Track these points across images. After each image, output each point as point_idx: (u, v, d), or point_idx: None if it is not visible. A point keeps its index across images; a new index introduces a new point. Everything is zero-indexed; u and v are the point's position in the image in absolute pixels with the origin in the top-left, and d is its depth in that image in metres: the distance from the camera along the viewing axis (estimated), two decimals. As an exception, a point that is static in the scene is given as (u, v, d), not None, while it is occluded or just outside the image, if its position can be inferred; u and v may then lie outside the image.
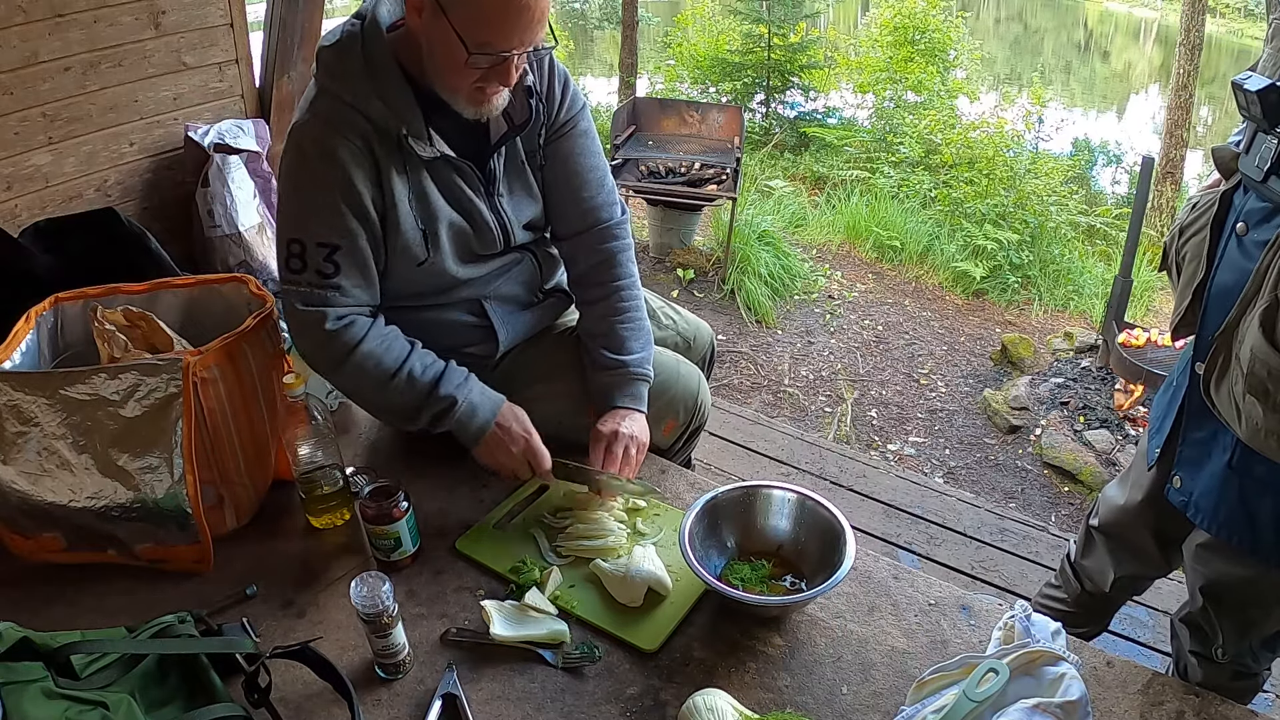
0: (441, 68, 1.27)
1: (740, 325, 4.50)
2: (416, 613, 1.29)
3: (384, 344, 1.39)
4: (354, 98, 1.29)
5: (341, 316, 1.37)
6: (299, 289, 1.35)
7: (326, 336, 1.36)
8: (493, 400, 1.45)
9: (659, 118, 5.25)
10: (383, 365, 1.38)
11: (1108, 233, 6.23)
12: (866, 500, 2.89)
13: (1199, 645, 1.50)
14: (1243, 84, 1.14)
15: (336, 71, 1.30)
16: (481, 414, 1.43)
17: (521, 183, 1.49)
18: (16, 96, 2.43)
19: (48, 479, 1.30)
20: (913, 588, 1.35)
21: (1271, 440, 1.14)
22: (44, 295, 1.49)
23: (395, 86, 1.30)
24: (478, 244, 1.46)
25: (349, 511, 1.47)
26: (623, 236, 1.57)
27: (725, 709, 1.07)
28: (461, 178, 1.40)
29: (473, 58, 1.22)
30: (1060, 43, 17.37)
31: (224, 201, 2.79)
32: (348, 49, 1.30)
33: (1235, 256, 1.21)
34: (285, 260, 1.35)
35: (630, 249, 1.58)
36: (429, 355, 1.44)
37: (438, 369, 1.42)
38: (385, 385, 1.40)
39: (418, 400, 1.41)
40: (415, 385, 1.40)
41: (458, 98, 1.30)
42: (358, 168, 1.31)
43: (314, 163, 1.31)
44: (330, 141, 1.30)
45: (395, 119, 1.30)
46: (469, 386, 1.43)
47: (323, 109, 1.31)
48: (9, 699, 0.95)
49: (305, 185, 1.34)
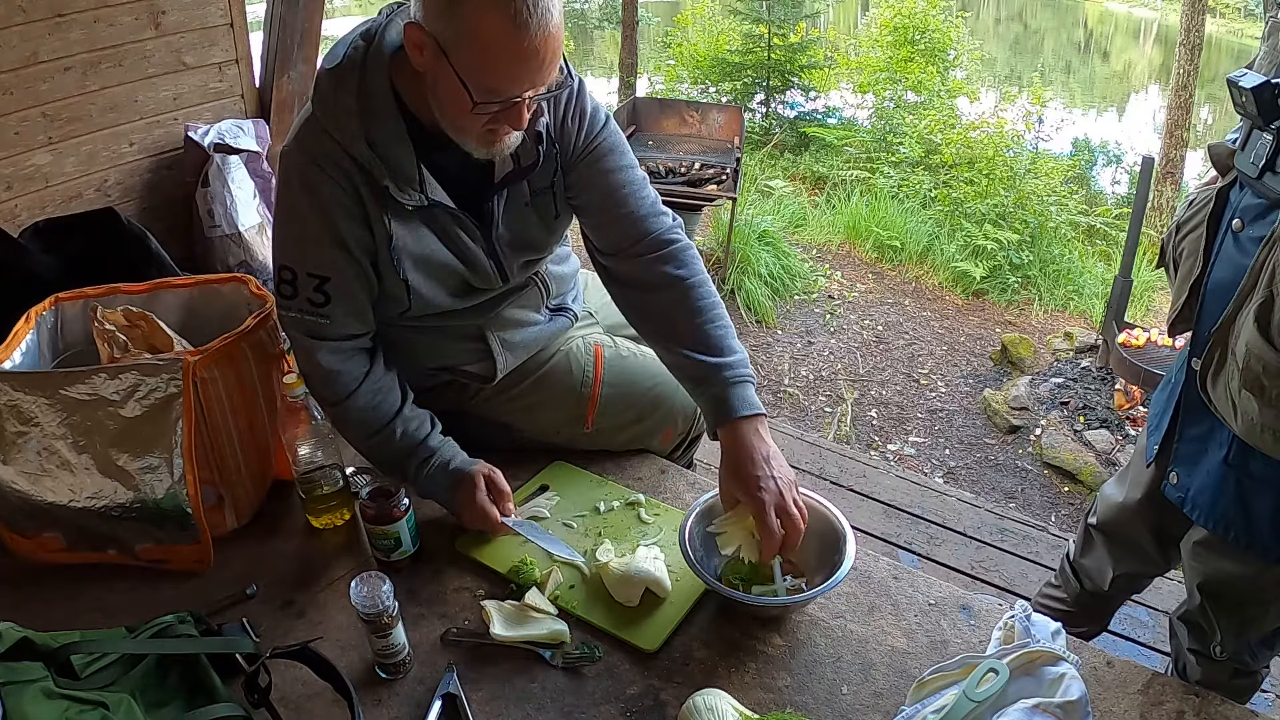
0: (446, 111, 1.18)
1: (740, 325, 4.50)
2: (416, 613, 1.29)
3: (376, 400, 1.36)
4: (340, 136, 1.21)
5: (335, 351, 1.33)
6: (290, 314, 1.32)
7: (322, 374, 1.34)
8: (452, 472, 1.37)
9: (659, 118, 5.26)
10: (369, 423, 1.37)
11: (1108, 233, 6.23)
12: (866, 500, 2.89)
13: (1197, 643, 1.50)
14: (1238, 81, 1.15)
15: (329, 104, 1.22)
16: (441, 487, 1.38)
17: (523, 224, 1.39)
18: (16, 96, 2.43)
19: (48, 479, 1.30)
20: (913, 588, 1.35)
21: (1267, 435, 1.14)
22: (44, 295, 1.49)
23: (388, 129, 1.21)
24: (475, 281, 1.40)
25: (349, 511, 1.47)
26: (679, 239, 1.42)
27: (725, 709, 1.07)
28: (455, 222, 1.33)
29: (479, 105, 1.13)
30: (1060, 43, 17.38)
31: (224, 201, 2.79)
32: (344, 80, 1.21)
33: (1231, 253, 1.22)
34: (278, 285, 1.32)
35: (690, 249, 1.43)
36: (415, 420, 1.39)
37: (419, 436, 1.38)
38: (367, 440, 1.39)
39: (396, 461, 1.39)
40: (395, 446, 1.37)
41: (467, 140, 1.21)
42: (340, 206, 1.25)
43: (297, 195, 1.26)
44: (311, 175, 1.24)
45: (380, 167, 1.22)
46: (435, 461, 1.37)
47: (309, 140, 1.24)
48: (9, 699, 0.95)
49: (291, 216, 1.28)
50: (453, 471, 1.37)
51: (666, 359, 1.41)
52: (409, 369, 1.45)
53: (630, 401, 1.57)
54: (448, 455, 1.39)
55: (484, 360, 1.49)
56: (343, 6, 15.15)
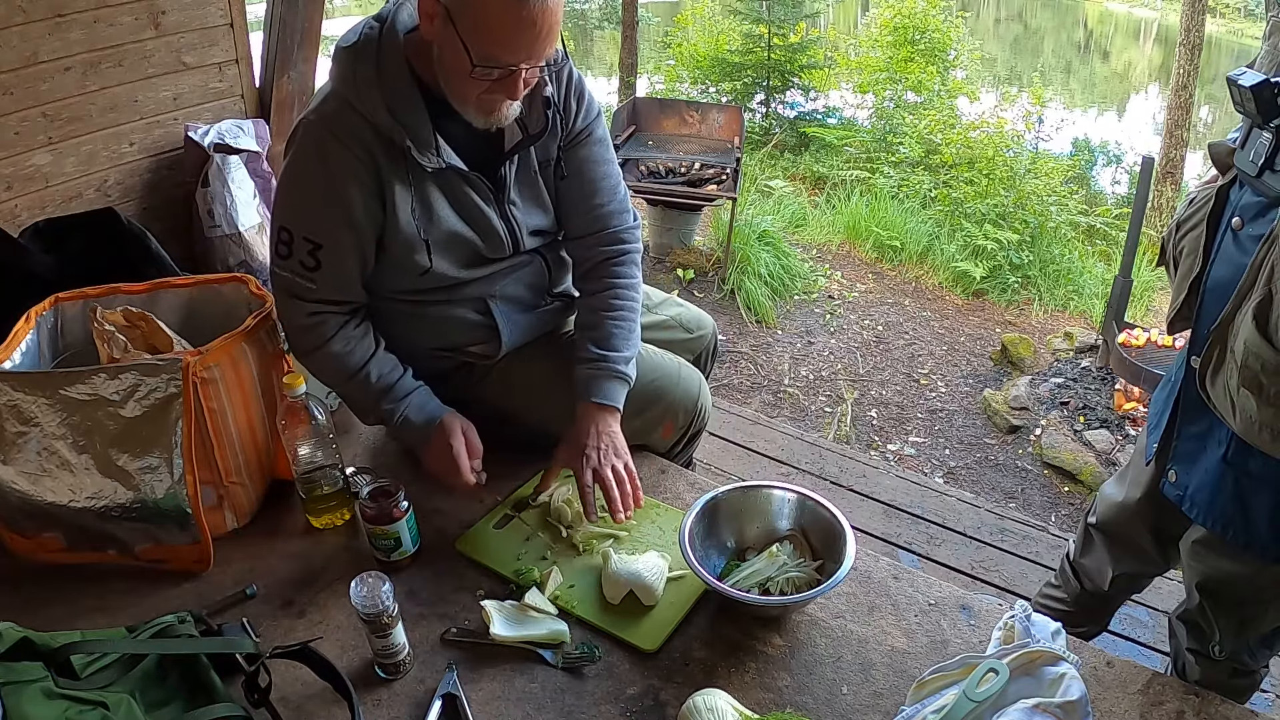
0: (449, 76, 1.28)
1: (740, 325, 4.50)
2: (416, 613, 1.29)
3: (348, 346, 1.44)
4: (363, 105, 1.29)
5: (315, 313, 1.41)
6: (283, 274, 1.39)
7: (298, 327, 1.43)
8: (427, 416, 1.47)
9: (659, 118, 5.25)
10: (344, 366, 1.45)
11: (1108, 233, 6.23)
12: (866, 500, 2.89)
13: (1196, 643, 1.50)
14: (1237, 80, 1.15)
15: (349, 76, 1.30)
16: (416, 431, 1.47)
17: (533, 192, 1.49)
18: (16, 96, 2.43)
19: (48, 479, 1.30)
20: (913, 588, 1.35)
21: (1265, 433, 1.15)
22: (44, 295, 1.49)
23: (405, 96, 1.30)
24: (486, 249, 1.46)
25: (349, 511, 1.47)
26: (630, 241, 1.57)
27: (725, 709, 1.07)
28: (470, 186, 1.40)
29: (477, 69, 1.22)
30: (1060, 43, 17.38)
31: (224, 201, 2.79)
32: (362, 54, 1.30)
33: (1231, 251, 1.22)
34: (274, 245, 1.40)
35: (637, 254, 1.59)
36: (387, 363, 1.48)
37: (390, 380, 1.47)
38: (345, 383, 1.48)
39: (370, 403, 1.49)
40: (369, 389, 1.46)
41: (466, 107, 1.30)
42: (354, 177, 1.32)
43: (312, 163, 1.33)
44: (330, 146, 1.31)
45: (401, 131, 1.30)
46: (408, 403, 1.47)
47: (330, 111, 1.32)
48: (9, 699, 0.95)
49: (300, 181, 1.36)
50: (428, 415, 1.47)
51: (573, 336, 1.59)
52: (413, 353, 1.52)
53: (631, 394, 1.57)
54: (422, 399, 1.48)
55: (488, 341, 1.54)
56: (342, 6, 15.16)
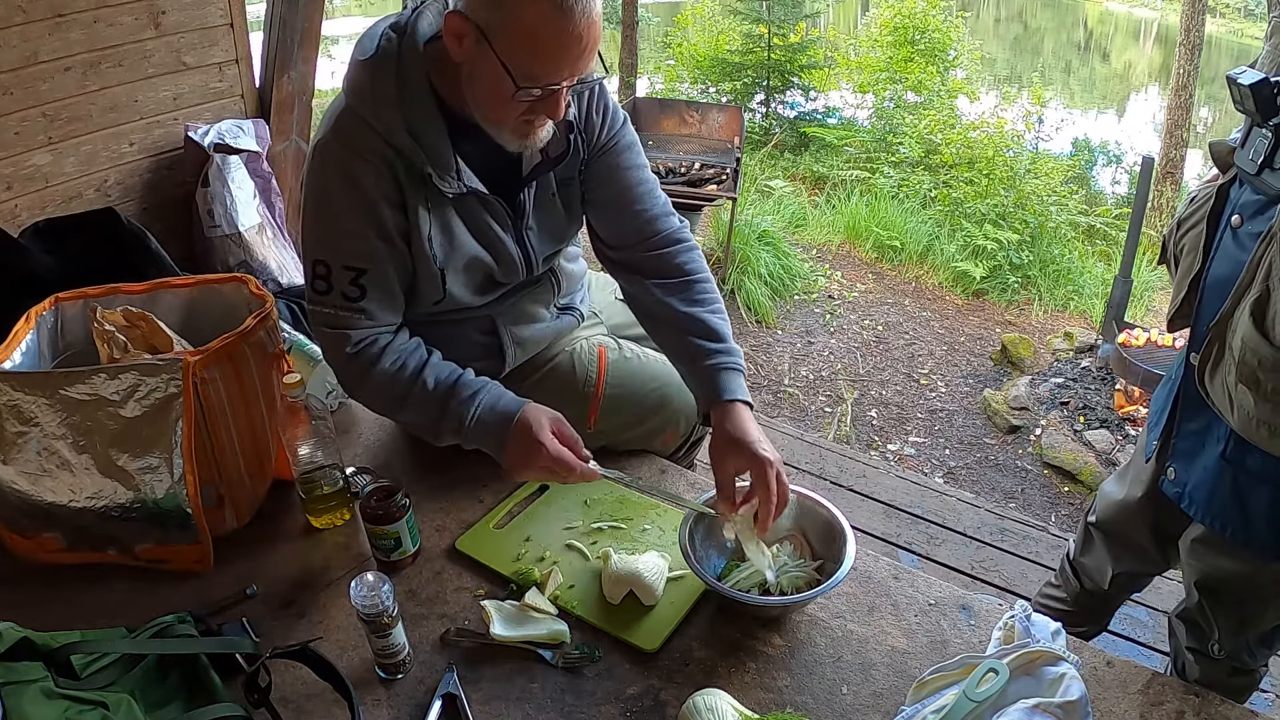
0: (484, 100, 1.19)
1: (740, 325, 4.50)
2: (416, 613, 1.29)
3: (399, 359, 1.33)
4: (380, 125, 1.23)
5: (361, 340, 1.32)
6: (324, 310, 1.31)
7: (346, 359, 1.33)
8: (502, 413, 1.30)
9: (659, 118, 5.26)
10: (398, 381, 1.33)
11: (1108, 233, 6.24)
12: (866, 500, 2.89)
13: (1196, 641, 1.50)
14: (1237, 78, 1.16)
15: (366, 95, 1.23)
16: (494, 430, 1.30)
17: (550, 216, 1.42)
18: (16, 96, 2.43)
19: (48, 479, 1.30)
20: (913, 588, 1.35)
21: (1263, 430, 1.15)
22: (44, 295, 1.49)
23: (426, 117, 1.23)
24: (500, 274, 1.41)
25: (349, 511, 1.47)
26: (687, 239, 1.47)
27: (725, 709, 1.07)
28: (488, 211, 1.34)
29: (520, 91, 1.14)
30: (1060, 43, 17.38)
31: (224, 201, 2.79)
32: (381, 70, 1.22)
33: (1230, 248, 1.23)
34: (311, 281, 1.31)
35: (698, 249, 1.47)
36: (444, 368, 1.35)
37: (449, 380, 1.33)
38: (403, 400, 1.34)
39: (434, 412, 1.33)
40: (429, 399, 1.32)
41: (502, 130, 1.22)
42: (381, 194, 1.26)
43: (338, 186, 1.27)
44: (353, 165, 1.25)
45: (421, 156, 1.24)
46: (478, 401, 1.31)
47: (347, 129, 1.25)
48: (9, 699, 0.95)
49: (330, 208, 1.29)
50: (503, 411, 1.29)
51: (665, 340, 1.44)
52: None
53: (633, 403, 1.57)
54: (494, 395, 1.32)
55: (493, 358, 1.50)
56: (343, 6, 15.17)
